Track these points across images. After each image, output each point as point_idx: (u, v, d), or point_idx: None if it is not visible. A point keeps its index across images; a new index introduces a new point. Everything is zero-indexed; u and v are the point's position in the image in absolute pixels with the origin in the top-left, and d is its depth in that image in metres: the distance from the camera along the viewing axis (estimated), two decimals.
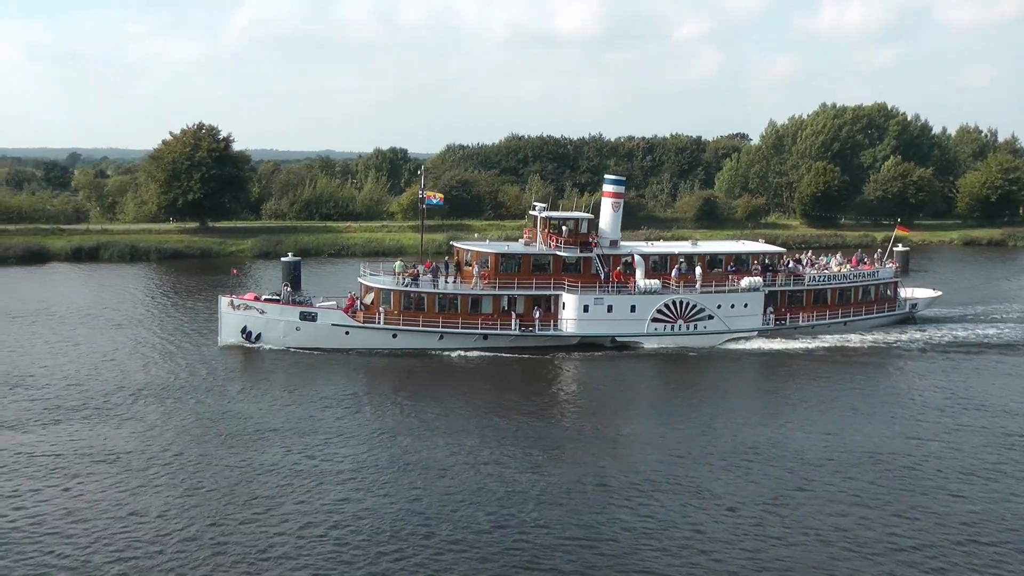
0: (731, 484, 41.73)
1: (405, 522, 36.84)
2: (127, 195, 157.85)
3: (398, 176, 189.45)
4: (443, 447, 45.90)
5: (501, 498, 39.47)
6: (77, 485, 40.74)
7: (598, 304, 69.89)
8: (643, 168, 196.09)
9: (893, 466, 44.38)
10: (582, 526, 36.85)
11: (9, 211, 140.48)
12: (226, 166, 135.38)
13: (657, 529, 36.69)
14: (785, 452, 46.21)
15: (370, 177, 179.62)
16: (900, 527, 37.41)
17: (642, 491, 40.53)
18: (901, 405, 55.57)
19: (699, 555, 34.67)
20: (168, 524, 36.59)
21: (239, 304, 68.00)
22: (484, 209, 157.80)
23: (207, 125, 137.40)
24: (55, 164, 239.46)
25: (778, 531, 36.83)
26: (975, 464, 44.88)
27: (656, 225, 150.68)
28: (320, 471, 42.32)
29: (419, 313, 68.08)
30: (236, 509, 38.02)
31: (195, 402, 53.44)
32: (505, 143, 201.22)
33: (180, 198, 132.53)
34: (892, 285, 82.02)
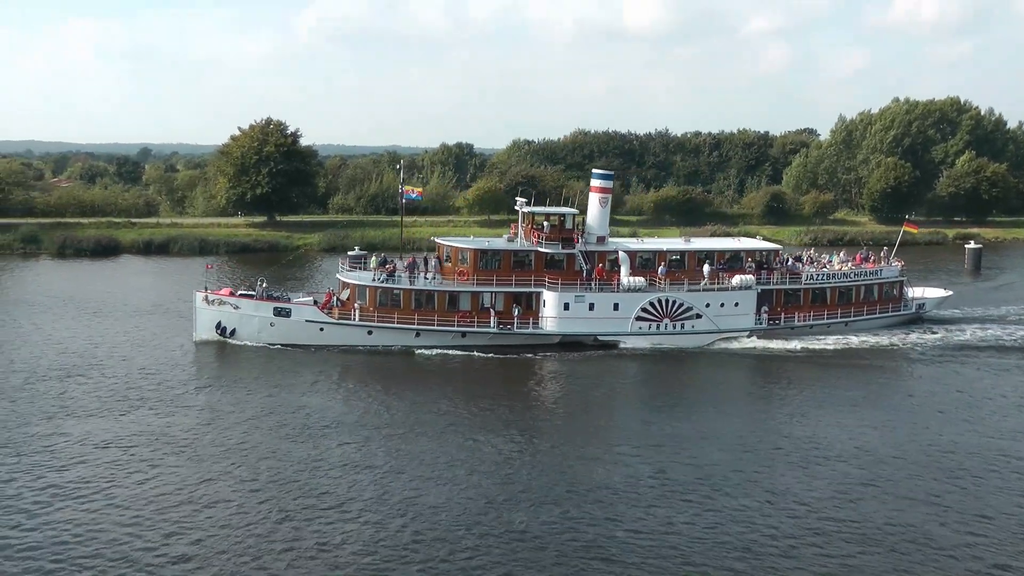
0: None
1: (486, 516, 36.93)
2: (196, 189, 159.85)
3: (464, 171, 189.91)
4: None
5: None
6: (155, 471, 41.63)
7: (579, 302, 68.13)
8: (709, 164, 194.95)
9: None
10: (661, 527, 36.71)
11: (82, 205, 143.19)
12: (294, 161, 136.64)
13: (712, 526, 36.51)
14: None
15: (436, 172, 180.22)
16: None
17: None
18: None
19: (780, 557, 34.59)
20: (230, 511, 37.10)
21: (213, 299, 67.43)
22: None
23: (275, 120, 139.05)
24: (127, 159, 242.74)
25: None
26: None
27: (722, 221, 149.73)
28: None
29: (395, 310, 66.95)
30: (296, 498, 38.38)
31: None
32: (571, 138, 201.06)
33: (248, 192, 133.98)
34: (897, 284, 78.96)
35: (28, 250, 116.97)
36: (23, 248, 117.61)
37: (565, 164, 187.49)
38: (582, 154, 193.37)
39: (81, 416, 49.63)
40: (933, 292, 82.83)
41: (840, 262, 79.32)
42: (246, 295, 67.88)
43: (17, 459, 43.16)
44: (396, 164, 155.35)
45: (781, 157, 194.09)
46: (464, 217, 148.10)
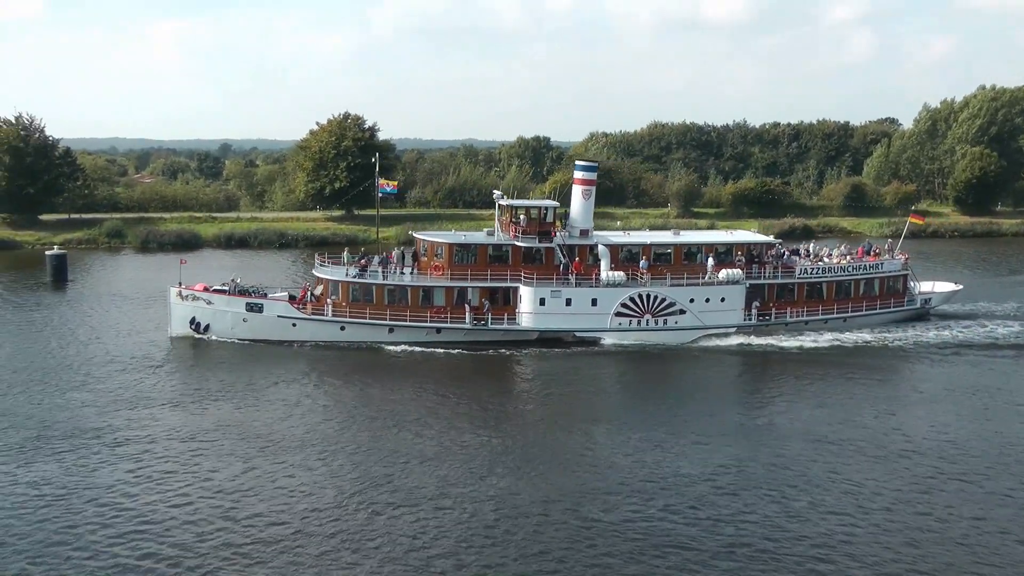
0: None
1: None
2: (275, 184, 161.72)
3: (541, 164, 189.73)
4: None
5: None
6: (244, 464, 42.12)
7: (555, 297, 66.49)
8: (788, 155, 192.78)
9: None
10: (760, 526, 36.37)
11: (164, 200, 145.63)
12: (371, 155, 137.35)
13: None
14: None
15: (513, 165, 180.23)
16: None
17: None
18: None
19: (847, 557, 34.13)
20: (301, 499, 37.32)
21: (187, 294, 67.06)
22: (627, 197, 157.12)
23: (353, 115, 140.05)
24: (207, 155, 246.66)
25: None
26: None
27: (801, 213, 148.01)
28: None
29: (368, 305, 65.97)
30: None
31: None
32: (648, 130, 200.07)
33: (327, 186, 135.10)
34: (901, 278, 75.92)
35: (113, 244, 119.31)
36: (108, 242, 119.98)
37: (642, 156, 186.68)
38: (659, 146, 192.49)
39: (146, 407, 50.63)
40: (943, 286, 79.62)
41: (840, 255, 76.40)
42: (219, 291, 67.45)
43: (106, 448, 44.06)
44: (477, 156, 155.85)
45: (862, 147, 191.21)
46: None
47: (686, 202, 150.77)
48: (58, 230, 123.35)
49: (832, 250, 78.43)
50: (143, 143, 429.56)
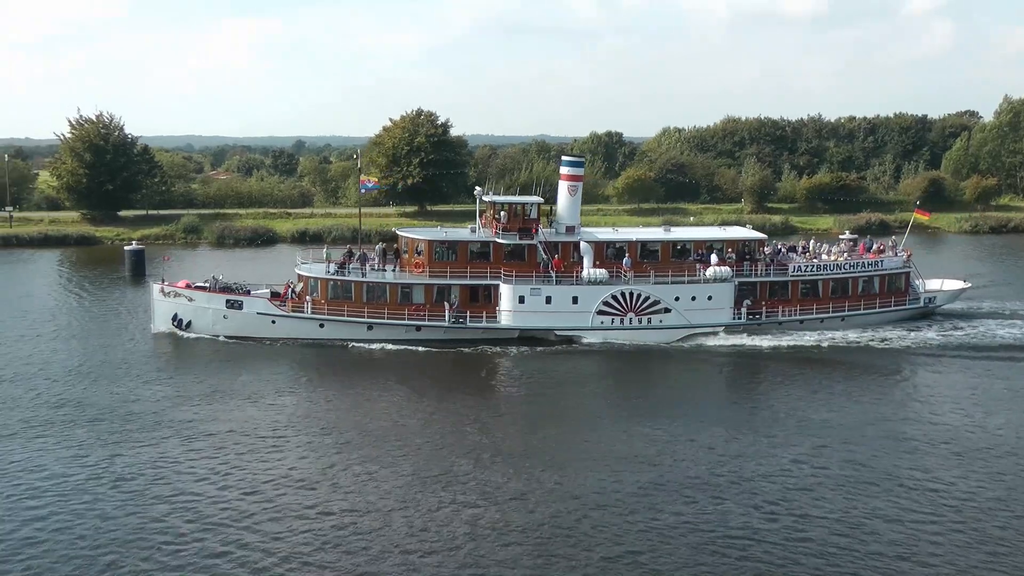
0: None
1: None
2: (349, 180, 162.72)
3: (613, 160, 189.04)
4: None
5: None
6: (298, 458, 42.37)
7: (535, 295, 65.37)
8: (864, 150, 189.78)
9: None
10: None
11: (240, 196, 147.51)
12: (444, 151, 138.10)
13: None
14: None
15: (586, 161, 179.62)
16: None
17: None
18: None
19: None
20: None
21: (169, 291, 67.26)
22: (700, 192, 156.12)
23: (426, 111, 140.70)
24: (282, 152, 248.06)
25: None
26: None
27: (878, 208, 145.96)
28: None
29: (346, 303, 65.47)
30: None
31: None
32: (721, 125, 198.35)
33: (400, 182, 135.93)
34: (903, 276, 73.43)
35: (189, 240, 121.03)
36: (185, 238, 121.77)
37: (715, 151, 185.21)
38: (732, 141, 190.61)
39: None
40: (951, 284, 76.70)
41: (839, 253, 74.00)
42: (200, 287, 67.58)
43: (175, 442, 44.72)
44: (549, 152, 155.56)
45: (940, 141, 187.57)
46: (614, 206, 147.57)
47: (760, 197, 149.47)
48: (136, 226, 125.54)
49: (832, 247, 76.22)
50: (219, 140, 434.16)
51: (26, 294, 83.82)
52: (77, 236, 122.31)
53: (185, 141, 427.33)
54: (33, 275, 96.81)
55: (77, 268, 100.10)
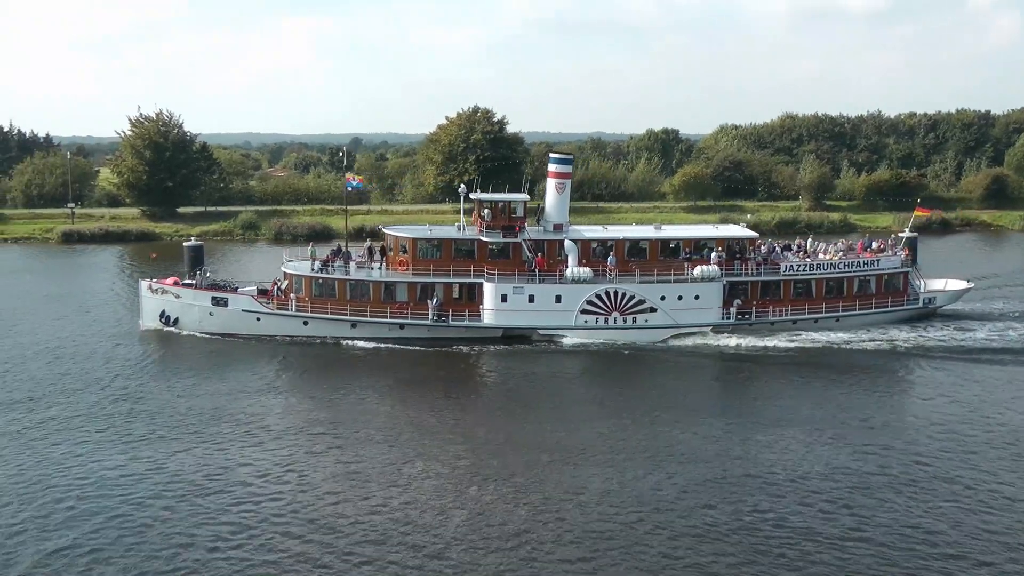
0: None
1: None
2: (406, 177, 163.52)
3: (670, 157, 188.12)
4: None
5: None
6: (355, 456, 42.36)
7: (517, 293, 64.72)
8: (925, 146, 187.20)
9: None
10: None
11: (297, 193, 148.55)
12: (500, 148, 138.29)
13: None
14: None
15: (642, 158, 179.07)
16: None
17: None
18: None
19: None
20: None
21: (157, 288, 67.59)
22: (757, 190, 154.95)
23: (482, 108, 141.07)
24: (339, 149, 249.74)
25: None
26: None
27: (939, 205, 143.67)
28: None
29: (330, 300, 65.30)
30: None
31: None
32: (779, 122, 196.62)
33: (456, 179, 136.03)
34: (901, 276, 71.49)
35: (247, 236, 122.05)
36: (242, 234, 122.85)
37: (773, 148, 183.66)
38: (790, 138, 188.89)
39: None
40: (954, 284, 74.70)
41: (835, 252, 72.03)
42: (187, 284, 67.84)
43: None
44: (605, 149, 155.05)
45: (1004, 137, 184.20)
46: (670, 203, 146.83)
47: (818, 195, 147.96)
48: (195, 222, 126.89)
49: (828, 246, 74.18)
50: (276, 138, 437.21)
51: (65, 289, 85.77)
52: (137, 232, 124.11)
53: (243, 139, 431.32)
54: (94, 270, 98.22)
55: (137, 263, 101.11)
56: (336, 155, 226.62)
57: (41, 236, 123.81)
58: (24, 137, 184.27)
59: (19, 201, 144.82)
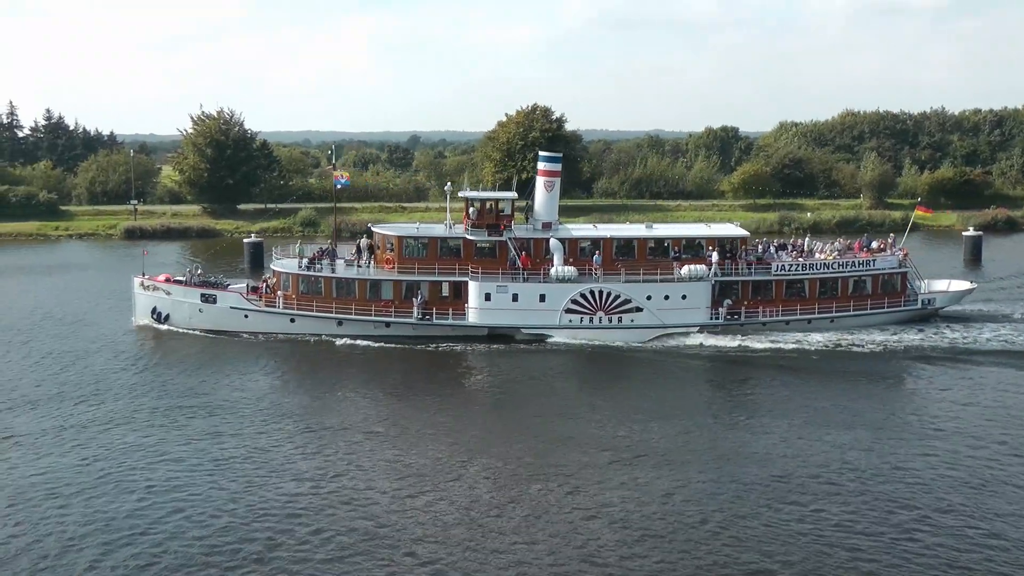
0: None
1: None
2: (464, 174, 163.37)
3: (729, 155, 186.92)
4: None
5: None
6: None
7: (501, 292, 64.32)
8: (990, 143, 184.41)
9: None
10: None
11: (356, 190, 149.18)
12: (558, 146, 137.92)
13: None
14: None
15: (700, 156, 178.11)
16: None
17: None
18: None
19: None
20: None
21: (148, 284, 68.11)
22: (817, 188, 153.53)
23: (540, 106, 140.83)
24: (397, 146, 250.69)
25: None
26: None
27: (1004, 204, 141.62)
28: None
29: (316, 298, 65.48)
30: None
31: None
32: (839, 119, 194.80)
33: (514, 177, 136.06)
34: (899, 276, 69.92)
35: (306, 233, 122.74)
36: (302, 231, 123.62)
37: (833, 146, 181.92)
38: (851, 135, 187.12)
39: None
40: (957, 285, 73.10)
41: (832, 251, 70.71)
42: (177, 281, 68.34)
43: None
44: (663, 147, 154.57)
45: None
46: (729, 201, 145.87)
47: (879, 193, 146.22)
48: (255, 219, 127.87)
49: (825, 245, 72.53)
50: (335, 136, 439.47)
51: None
52: (198, 229, 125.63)
53: (302, 137, 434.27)
54: (152, 266, 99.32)
55: (197, 260, 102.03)
56: (395, 153, 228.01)
57: (105, 232, 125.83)
58: (89, 135, 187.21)
59: (83, 198, 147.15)
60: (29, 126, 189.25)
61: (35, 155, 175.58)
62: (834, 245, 72.28)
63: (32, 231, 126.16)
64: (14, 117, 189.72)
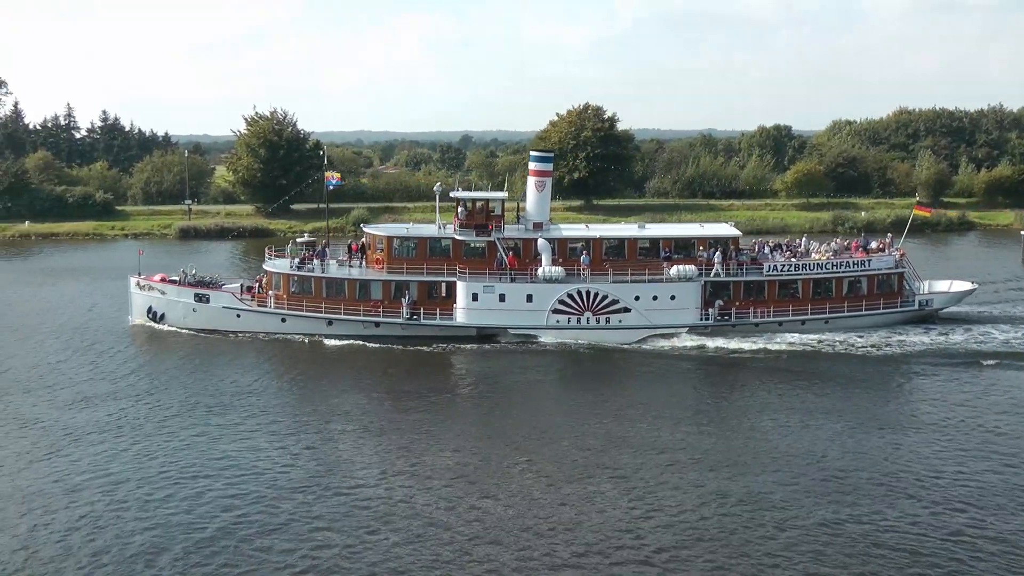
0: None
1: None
2: (516, 174, 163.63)
3: (782, 154, 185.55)
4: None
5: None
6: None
7: (488, 292, 64.17)
8: None
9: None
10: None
11: (408, 189, 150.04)
12: (610, 145, 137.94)
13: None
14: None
15: (753, 155, 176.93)
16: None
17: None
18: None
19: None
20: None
21: (144, 284, 68.93)
22: (872, 187, 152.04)
23: (592, 106, 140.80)
24: (449, 146, 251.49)
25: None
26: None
27: None
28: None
29: (307, 297, 65.84)
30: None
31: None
32: (894, 117, 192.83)
33: (566, 176, 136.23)
34: (895, 276, 68.52)
35: (359, 232, 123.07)
36: (355, 230, 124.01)
37: (888, 144, 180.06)
38: (906, 133, 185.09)
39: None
40: (959, 285, 71.00)
41: (827, 251, 69.21)
42: (172, 281, 69.05)
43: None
44: (716, 146, 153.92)
45: None
46: (782, 200, 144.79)
47: (935, 191, 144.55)
48: (308, 219, 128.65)
49: (822, 245, 71.28)
50: (387, 136, 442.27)
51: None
52: (251, 228, 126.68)
53: (355, 137, 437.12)
54: (206, 266, 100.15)
55: (250, 258, 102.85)
56: (447, 152, 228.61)
57: (159, 232, 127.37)
58: (144, 136, 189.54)
59: (139, 198, 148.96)
60: (86, 127, 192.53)
61: (91, 156, 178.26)
62: (830, 245, 71.36)
63: (88, 231, 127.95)
64: (71, 119, 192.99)
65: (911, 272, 70.32)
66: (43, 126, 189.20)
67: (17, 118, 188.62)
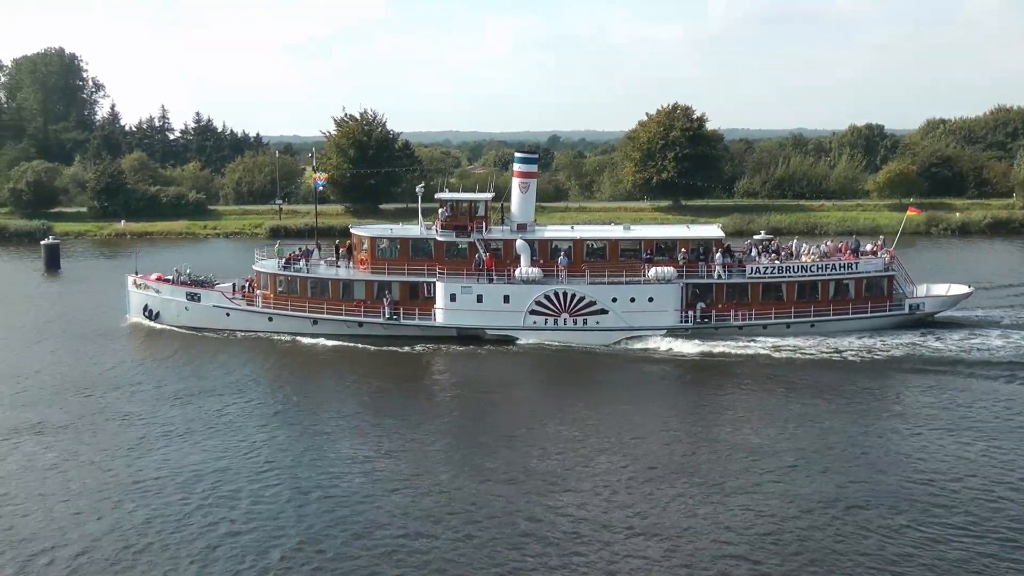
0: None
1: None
2: (604, 174, 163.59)
3: (874, 153, 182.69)
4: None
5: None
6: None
7: (465, 293, 64.08)
8: None
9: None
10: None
11: (498, 189, 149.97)
12: (699, 145, 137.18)
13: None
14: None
15: (844, 155, 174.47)
16: None
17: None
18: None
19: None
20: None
21: (140, 283, 70.33)
22: (967, 187, 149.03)
23: (681, 105, 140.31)
24: (537, 146, 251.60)
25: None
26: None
27: None
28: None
29: (292, 297, 66.96)
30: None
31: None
32: (991, 115, 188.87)
33: (654, 177, 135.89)
34: (885, 279, 66.43)
35: None
36: None
37: (984, 143, 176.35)
38: (1004, 132, 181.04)
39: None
40: (957, 289, 68.47)
41: (815, 253, 67.05)
42: (166, 280, 70.46)
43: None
44: (806, 146, 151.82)
45: None
46: (874, 201, 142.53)
47: None
48: (396, 219, 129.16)
49: (811, 247, 69.11)
50: (476, 136, 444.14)
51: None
52: (340, 228, 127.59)
53: (443, 137, 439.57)
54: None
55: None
56: (534, 152, 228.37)
57: (250, 231, 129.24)
58: (236, 137, 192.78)
59: (230, 198, 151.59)
60: (180, 129, 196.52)
61: (185, 156, 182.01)
62: (820, 248, 69.40)
63: (181, 230, 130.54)
64: (166, 120, 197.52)
65: (902, 275, 68.34)
66: (138, 128, 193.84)
67: (114, 120, 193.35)
